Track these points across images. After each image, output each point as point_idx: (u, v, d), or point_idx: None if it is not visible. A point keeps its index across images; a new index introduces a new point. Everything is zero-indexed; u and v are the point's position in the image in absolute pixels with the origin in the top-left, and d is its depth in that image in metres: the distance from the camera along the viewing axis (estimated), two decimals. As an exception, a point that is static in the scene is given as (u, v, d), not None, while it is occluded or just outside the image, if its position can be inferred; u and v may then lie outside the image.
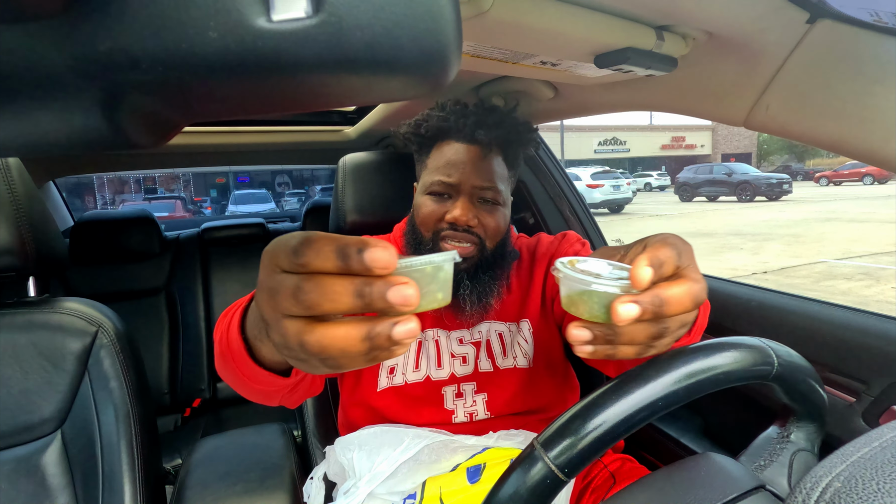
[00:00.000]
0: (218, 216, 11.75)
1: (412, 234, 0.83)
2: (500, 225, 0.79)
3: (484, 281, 0.79)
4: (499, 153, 0.79)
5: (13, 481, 0.75)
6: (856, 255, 6.91)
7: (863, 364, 0.77)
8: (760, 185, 16.79)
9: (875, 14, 0.54)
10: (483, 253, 0.79)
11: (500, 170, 0.79)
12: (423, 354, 0.82)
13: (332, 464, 0.68)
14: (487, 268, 0.80)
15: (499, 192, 0.78)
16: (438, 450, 0.65)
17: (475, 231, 0.77)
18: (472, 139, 0.76)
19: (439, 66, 0.19)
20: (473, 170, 0.76)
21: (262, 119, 1.66)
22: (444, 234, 0.77)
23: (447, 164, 0.77)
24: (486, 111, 0.79)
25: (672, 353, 0.42)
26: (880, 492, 0.25)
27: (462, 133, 0.77)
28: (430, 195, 0.79)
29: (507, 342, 0.85)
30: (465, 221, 0.75)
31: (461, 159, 0.76)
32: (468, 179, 0.76)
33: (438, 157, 0.78)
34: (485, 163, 0.76)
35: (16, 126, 0.18)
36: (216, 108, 0.20)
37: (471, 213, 0.76)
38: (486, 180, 0.76)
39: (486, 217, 0.78)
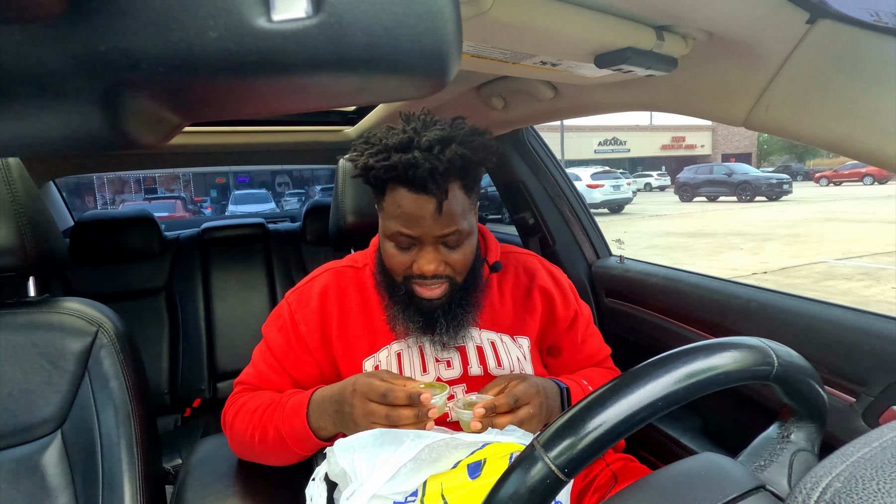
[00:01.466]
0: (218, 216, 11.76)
1: (384, 276, 0.82)
2: (468, 257, 0.78)
3: (458, 314, 0.79)
4: (458, 188, 0.73)
5: (13, 481, 0.75)
6: (856, 256, 6.91)
7: (863, 364, 0.77)
8: (760, 185, 16.78)
9: (875, 14, 0.54)
10: (454, 287, 0.79)
11: (460, 206, 0.73)
12: (405, 363, 0.82)
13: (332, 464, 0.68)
14: (461, 298, 0.80)
15: (462, 232, 0.75)
16: (439, 448, 0.65)
17: (444, 274, 0.77)
18: (425, 189, 0.70)
19: (439, 66, 0.19)
20: (432, 222, 0.72)
21: (262, 119, 1.66)
22: (414, 281, 0.78)
23: (404, 214, 0.72)
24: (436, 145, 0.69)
25: (672, 354, 0.42)
26: (880, 492, 0.25)
27: (413, 183, 0.70)
28: (394, 243, 0.76)
29: (502, 351, 0.85)
30: (432, 272, 0.75)
31: (418, 212, 0.71)
32: (431, 231, 0.73)
33: (393, 204, 0.73)
34: (443, 211, 0.71)
35: (16, 126, 0.18)
36: (216, 108, 0.20)
37: (437, 262, 0.75)
38: (447, 227, 0.73)
39: (452, 257, 0.76)
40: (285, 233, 2.03)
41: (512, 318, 0.87)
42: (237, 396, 0.85)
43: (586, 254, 1.51)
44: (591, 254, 1.51)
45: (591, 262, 1.50)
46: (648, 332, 1.22)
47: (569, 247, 1.52)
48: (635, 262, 1.40)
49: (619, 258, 1.44)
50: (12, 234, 0.77)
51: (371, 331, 0.83)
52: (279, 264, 1.96)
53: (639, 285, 1.28)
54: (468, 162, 0.70)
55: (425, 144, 0.69)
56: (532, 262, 0.94)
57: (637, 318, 1.26)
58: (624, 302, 1.33)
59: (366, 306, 0.85)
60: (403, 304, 0.79)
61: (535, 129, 1.53)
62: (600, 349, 0.97)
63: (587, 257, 1.51)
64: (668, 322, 1.16)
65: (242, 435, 0.79)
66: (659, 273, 1.25)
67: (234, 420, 0.81)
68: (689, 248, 8.15)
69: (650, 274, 1.27)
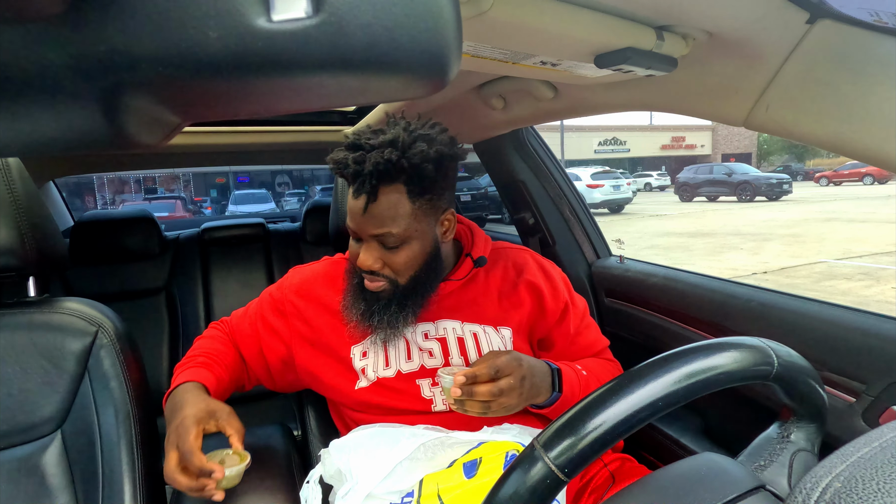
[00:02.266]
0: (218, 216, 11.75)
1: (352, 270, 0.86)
2: (409, 261, 0.80)
3: (393, 313, 0.82)
4: (393, 192, 0.74)
5: (13, 481, 0.75)
6: (856, 256, 6.91)
7: (863, 364, 0.77)
8: (760, 185, 16.78)
9: (875, 14, 0.54)
10: (396, 288, 0.81)
11: (395, 210, 0.75)
12: (391, 350, 0.86)
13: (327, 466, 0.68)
14: (402, 299, 0.82)
15: (393, 236, 0.76)
16: (434, 447, 0.66)
17: (382, 273, 0.80)
18: (357, 189, 0.74)
19: (439, 66, 0.19)
20: (364, 219, 0.76)
21: (262, 119, 1.66)
22: (363, 275, 0.82)
23: (349, 209, 0.78)
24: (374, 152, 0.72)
25: (672, 354, 0.42)
26: (880, 492, 0.25)
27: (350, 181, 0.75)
28: (351, 235, 0.82)
29: (484, 342, 0.87)
30: (367, 266, 0.79)
31: (354, 208, 0.76)
32: (364, 228, 0.77)
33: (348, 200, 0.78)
34: (371, 212, 0.75)
35: (16, 126, 0.18)
36: (216, 108, 0.20)
37: (372, 259, 0.78)
38: (378, 227, 0.76)
39: (390, 258, 0.79)
40: (285, 233, 2.03)
41: (496, 310, 0.89)
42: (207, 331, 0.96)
43: (586, 254, 1.51)
44: (591, 254, 1.51)
45: (591, 262, 1.50)
46: (648, 332, 1.22)
47: (569, 247, 1.52)
48: (635, 262, 1.40)
49: (619, 258, 1.44)
50: (12, 234, 0.76)
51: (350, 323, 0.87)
52: (279, 264, 1.96)
53: (639, 285, 1.28)
54: (394, 168, 0.72)
55: (368, 146, 0.73)
56: (522, 257, 0.95)
57: (637, 318, 1.26)
58: (624, 302, 1.33)
59: None
60: (354, 291, 0.84)
61: (535, 129, 1.53)
62: (596, 341, 0.97)
63: (587, 257, 1.51)
64: (668, 322, 1.16)
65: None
66: (659, 273, 1.25)
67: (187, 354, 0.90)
68: (689, 248, 8.15)
69: (650, 274, 1.27)
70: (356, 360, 0.86)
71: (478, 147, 1.62)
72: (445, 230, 0.84)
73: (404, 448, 0.64)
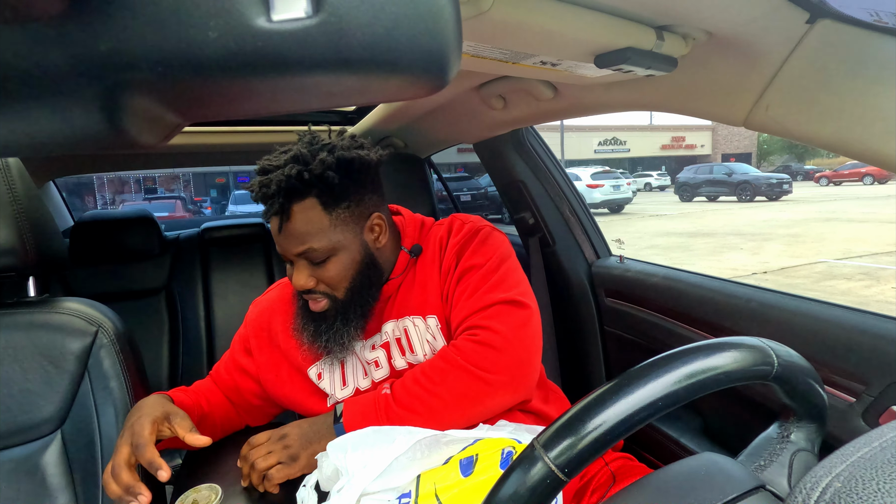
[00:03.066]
0: (218, 216, 11.74)
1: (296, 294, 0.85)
2: (339, 273, 0.78)
3: (337, 327, 0.80)
4: (308, 208, 0.73)
5: (13, 481, 0.75)
6: (856, 255, 6.91)
7: (863, 364, 0.77)
8: (760, 185, 16.78)
9: (875, 14, 0.54)
10: (336, 302, 0.80)
11: (312, 224, 0.74)
12: (347, 370, 0.85)
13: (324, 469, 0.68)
14: (344, 314, 0.80)
15: (315, 251, 0.75)
16: (430, 444, 0.66)
17: (318, 290, 0.79)
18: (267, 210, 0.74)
19: (439, 67, 0.19)
20: (284, 239, 0.75)
21: (262, 119, 1.66)
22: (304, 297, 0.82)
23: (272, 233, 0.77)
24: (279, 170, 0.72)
25: (672, 354, 0.42)
26: (880, 492, 0.25)
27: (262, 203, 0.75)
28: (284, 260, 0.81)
29: (414, 337, 0.83)
30: (301, 286, 0.78)
31: (273, 231, 0.76)
32: (287, 248, 0.76)
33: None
34: (290, 231, 0.74)
35: (16, 126, 0.18)
36: (216, 107, 0.20)
37: (304, 278, 0.77)
38: (299, 245, 0.75)
39: (321, 273, 0.78)
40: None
41: (422, 298, 0.84)
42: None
43: (586, 254, 1.51)
44: (591, 254, 1.51)
45: (591, 262, 1.50)
46: (648, 332, 1.22)
47: (569, 247, 1.52)
48: (635, 261, 1.40)
49: (619, 258, 1.44)
50: (12, 234, 0.76)
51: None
52: (279, 264, 1.96)
53: (639, 285, 1.28)
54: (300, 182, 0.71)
55: (272, 167, 0.73)
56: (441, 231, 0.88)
57: (637, 317, 1.26)
58: (624, 302, 1.33)
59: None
60: (302, 314, 0.84)
61: (535, 129, 1.53)
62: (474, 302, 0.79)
63: (587, 257, 1.51)
64: (668, 322, 1.16)
65: None
66: (659, 273, 1.25)
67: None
68: (689, 248, 8.15)
69: (650, 274, 1.27)
70: (316, 381, 0.85)
71: (478, 147, 1.62)
72: (377, 235, 0.81)
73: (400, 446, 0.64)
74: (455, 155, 16.77)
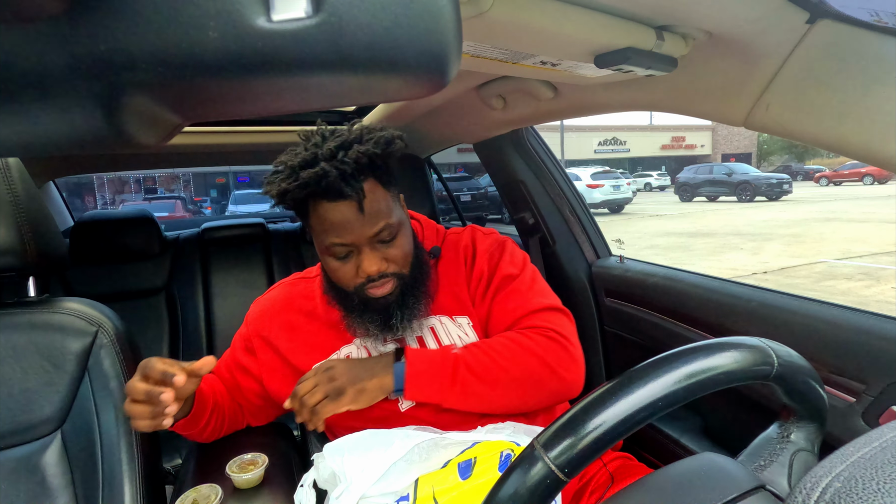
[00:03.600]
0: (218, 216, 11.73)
1: (335, 291, 0.82)
2: (406, 249, 0.79)
3: (411, 304, 0.80)
4: (375, 186, 0.74)
5: (13, 481, 0.75)
6: (856, 255, 6.91)
7: (863, 364, 0.77)
8: (760, 185, 16.77)
9: (875, 14, 0.54)
10: (404, 280, 0.80)
11: (383, 202, 0.75)
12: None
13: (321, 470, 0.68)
14: (412, 288, 0.81)
15: (392, 225, 0.76)
16: (428, 448, 0.66)
17: (389, 272, 0.78)
18: (342, 195, 0.71)
19: (439, 66, 0.19)
20: (360, 223, 0.73)
21: (262, 119, 1.66)
22: (366, 287, 0.78)
23: (331, 225, 0.73)
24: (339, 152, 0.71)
25: (672, 354, 0.42)
26: (880, 492, 0.25)
27: (329, 192, 0.71)
28: (332, 256, 0.77)
29: (442, 333, 0.85)
30: (376, 271, 0.76)
31: (343, 219, 0.73)
32: (361, 234, 0.74)
33: (318, 219, 0.74)
34: (368, 211, 0.73)
35: (16, 126, 0.18)
36: (216, 108, 0.20)
37: (378, 261, 0.76)
38: (375, 224, 0.74)
39: (392, 252, 0.77)
40: (285, 233, 2.03)
41: (449, 299, 0.86)
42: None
43: (586, 254, 1.51)
44: (591, 254, 1.51)
45: (591, 262, 1.50)
46: (648, 332, 1.22)
47: (569, 247, 1.52)
48: (635, 262, 1.40)
49: (619, 258, 1.44)
50: (12, 234, 0.76)
51: (320, 339, 0.87)
52: (279, 264, 1.96)
53: (639, 285, 1.28)
54: (373, 157, 0.71)
55: (328, 154, 0.71)
56: (464, 239, 0.91)
57: (637, 318, 1.26)
58: (624, 302, 1.33)
59: (313, 315, 0.88)
60: (360, 311, 0.81)
61: (535, 129, 1.53)
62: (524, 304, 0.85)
63: (587, 257, 1.51)
64: (668, 322, 1.16)
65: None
66: (659, 273, 1.25)
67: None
68: (689, 248, 8.15)
69: (650, 274, 1.27)
70: None
71: (478, 147, 1.62)
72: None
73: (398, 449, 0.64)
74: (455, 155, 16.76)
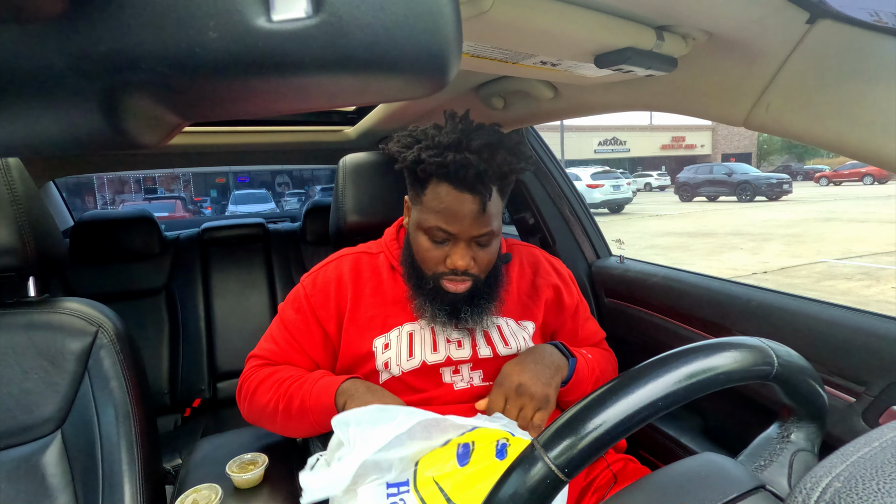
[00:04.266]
0: (218, 216, 11.75)
1: (412, 269, 0.85)
2: (493, 256, 0.83)
3: (481, 304, 0.84)
4: (497, 193, 0.78)
5: (13, 481, 0.75)
6: (856, 255, 6.91)
7: (863, 364, 0.77)
8: (760, 185, 16.77)
9: (875, 14, 0.54)
10: (477, 283, 0.84)
11: (496, 209, 0.79)
12: (416, 342, 0.86)
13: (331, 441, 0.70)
14: (483, 291, 0.85)
15: (493, 231, 0.79)
16: (430, 427, 0.67)
17: (471, 272, 0.81)
18: (472, 189, 0.74)
19: (439, 66, 0.19)
20: (474, 221, 0.76)
21: (262, 119, 1.66)
22: (444, 276, 0.82)
23: (446, 210, 0.76)
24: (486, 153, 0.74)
25: (672, 354, 0.42)
26: (880, 492, 0.25)
27: (462, 181, 0.74)
28: (428, 236, 0.80)
29: (508, 334, 0.89)
30: (463, 267, 0.79)
31: (461, 210, 0.75)
32: (469, 230, 0.77)
33: (436, 199, 0.76)
34: (485, 212, 0.76)
35: (16, 126, 0.18)
36: (216, 108, 0.20)
37: (468, 258, 0.79)
38: (484, 227, 0.77)
39: (481, 255, 0.81)
40: (285, 233, 2.03)
41: (517, 304, 0.92)
42: (257, 369, 0.89)
43: (586, 254, 1.51)
44: (591, 254, 1.51)
45: (591, 262, 1.50)
46: (648, 332, 1.22)
47: (569, 247, 1.52)
48: (635, 262, 1.40)
49: (619, 258, 1.44)
50: (12, 234, 0.76)
51: (383, 312, 0.87)
52: (279, 264, 1.96)
53: (639, 285, 1.28)
54: (513, 170, 0.76)
55: (476, 147, 0.73)
56: (534, 254, 0.99)
57: (637, 318, 1.26)
58: (624, 302, 1.33)
59: (379, 289, 0.89)
60: (430, 297, 0.83)
61: (535, 129, 1.53)
62: (596, 332, 1.03)
63: (587, 257, 1.51)
64: (668, 322, 1.16)
65: (265, 405, 0.84)
66: (659, 273, 1.25)
67: (257, 389, 0.85)
68: (689, 248, 8.15)
69: (650, 274, 1.27)
70: (378, 352, 0.85)
71: (478, 147, 1.62)
72: None
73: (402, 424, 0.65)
74: (455, 155, 16.70)
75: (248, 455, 0.84)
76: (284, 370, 0.87)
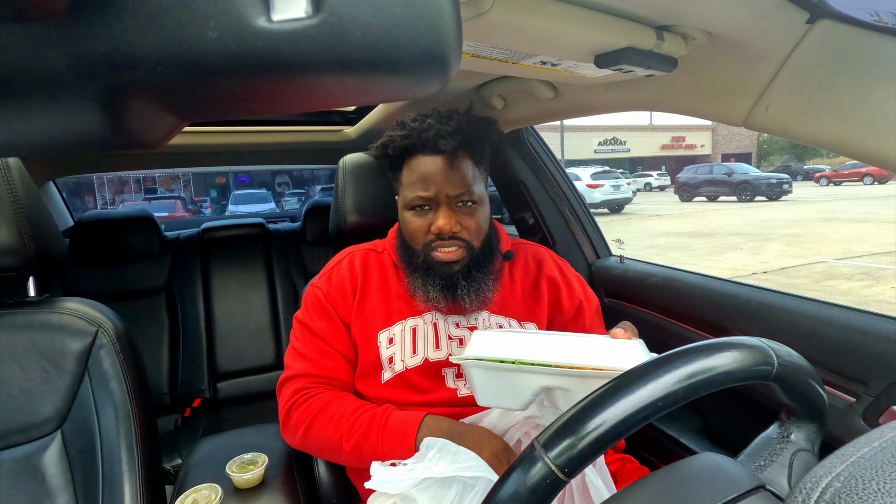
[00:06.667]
0: (218, 216, 11.75)
1: (404, 249, 0.88)
2: (482, 224, 0.85)
3: (478, 277, 0.85)
4: (466, 156, 0.81)
5: (13, 481, 0.75)
6: (856, 255, 6.91)
7: (863, 364, 0.77)
8: (760, 185, 16.76)
9: (875, 14, 0.54)
10: (472, 252, 0.85)
11: (471, 172, 0.82)
12: (419, 338, 0.86)
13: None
14: (479, 264, 0.86)
15: (473, 193, 0.82)
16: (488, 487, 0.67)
17: (460, 236, 0.83)
18: (436, 150, 0.79)
19: (439, 66, 0.19)
20: (445, 179, 0.80)
21: (262, 119, 1.66)
22: (433, 245, 0.83)
23: (420, 178, 0.81)
24: (444, 118, 0.82)
25: (672, 354, 0.42)
26: (880, 492, 0.25)
27: (426, 146, 0.80)
28: (412, 210, 0.84)
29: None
30: (448, 229, 0.81)
31: (432, 171, 0.80)
32: (443, 189, 0.80)
33: (410, 173, 0.82)
34: (454, 170, 0.80)
35: (16, 126, 0.18)
36: (216, 108, 0.20)
37: (452, 220, 0.81)
38: (460, 186, 0.80)
39: (467, 220, 0.83)
40: (285, 233, 2.03)
41: (520, 304, 0.92)
42: (305, 394, 0.84)
43: (586, 254, 1.51)
44: (591, 254, 1.51)
45: (591, 262, 1.50)
46: (648, 332, 1.22)
47: (569, 247, 1.52)
48: (635, 261, 1.40)
49: (619, 258, 1.44)
50: (12, 234, 0.76)
51: (387, 306, 0.88)
52: (279, 264, 1.96)
53: (639, 285, 1.28)
54: (473, 130, 0.80)
55: (436, 116, 0.82)
56: (541, 253, 0.99)
57: (637, 318, 1.26)
58: (624, 302, 1.33)
59: (384, 284, 0.90)
60: (423, 272, 0.85)
61: (535, 129, 1.53)
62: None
63: (587, 257, 1.51)
64: (668, 322, 1.16)
65: (326, 441, 0.79)
66: (659, 273, 1.25)
67: (314, 423, 0.80)
68: (689, 248, 8.15)
69: (650, 274, 1.27)
70: (383, 347, 0.85)
71: (478, 147, 1.62)
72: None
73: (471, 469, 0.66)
74: (455, 155, 16.71)
75: (248, 455, 0.84)
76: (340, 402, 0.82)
